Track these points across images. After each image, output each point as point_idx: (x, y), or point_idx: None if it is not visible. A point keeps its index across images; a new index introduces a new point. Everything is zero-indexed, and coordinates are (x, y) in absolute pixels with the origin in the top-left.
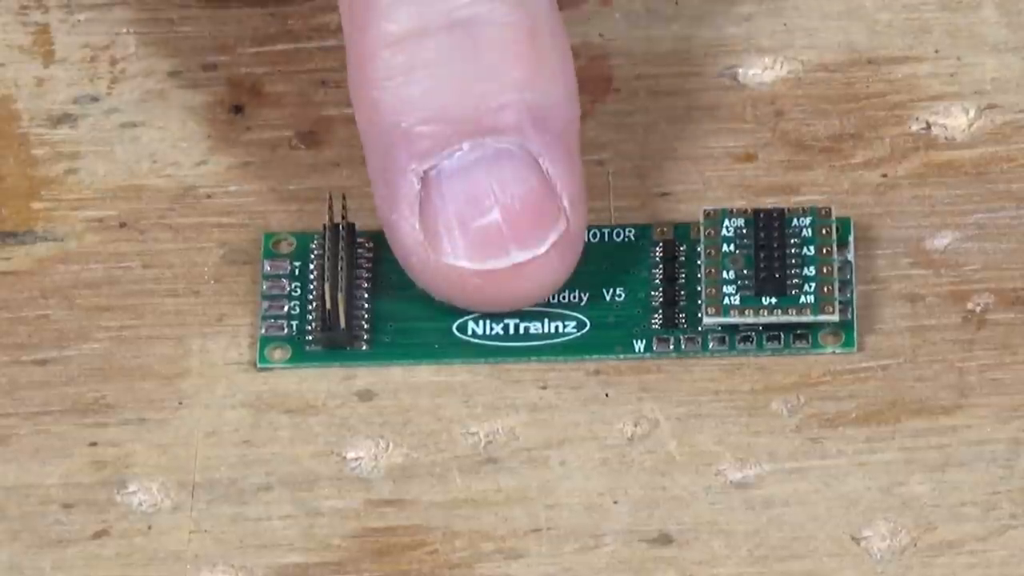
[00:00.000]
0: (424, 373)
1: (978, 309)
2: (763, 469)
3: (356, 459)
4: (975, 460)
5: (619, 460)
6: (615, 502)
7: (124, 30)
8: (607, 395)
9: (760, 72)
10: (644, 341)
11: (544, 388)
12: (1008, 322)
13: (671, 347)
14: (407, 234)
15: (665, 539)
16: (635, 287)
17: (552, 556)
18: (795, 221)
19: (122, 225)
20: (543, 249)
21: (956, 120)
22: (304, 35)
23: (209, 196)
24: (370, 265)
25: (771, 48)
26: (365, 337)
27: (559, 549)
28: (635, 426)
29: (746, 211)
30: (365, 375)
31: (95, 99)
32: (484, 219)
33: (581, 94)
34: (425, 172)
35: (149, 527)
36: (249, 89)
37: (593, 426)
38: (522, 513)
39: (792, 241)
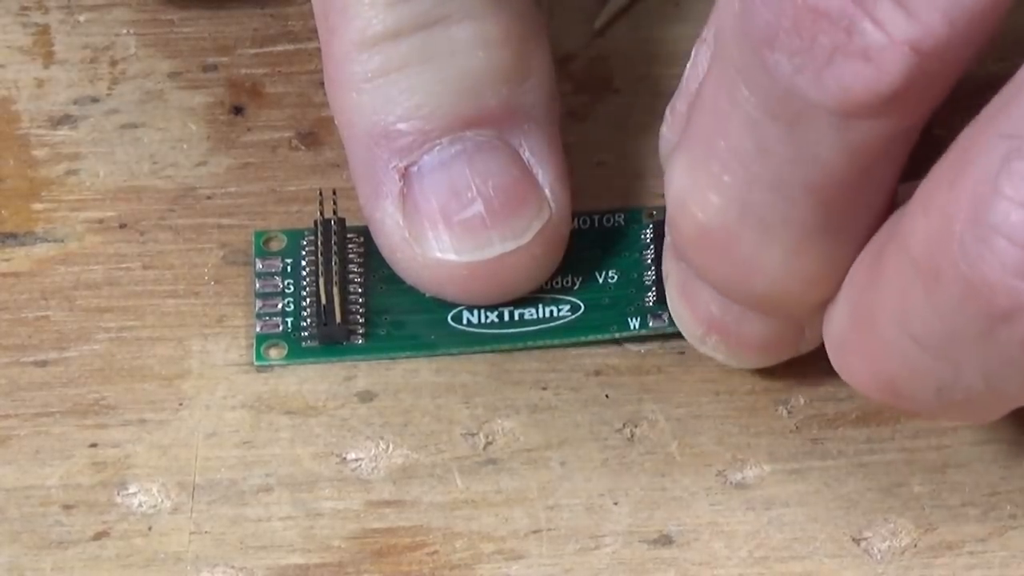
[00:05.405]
0: (424, 373)
1: None
2: (763, 470)
3: (356, 460)
4: (975, 460)
5: (619, 461)
6: (615, 503)
7: (124, 31)
8: (607, 396)
9: None
10: (639, 319)
11: (544, 389)
12: None
13: (666, 322)
14: (392, 231)
15: (665, 540)
16: (627, 268)
17: (552, 557)
18: None
19: (122, 226)
20: (528, 238)
21: None
22: (304, 36)
23: (209, 197)
24: (361, 260)
25: None
26: (360, 331)
27: (559, 550)
28: (635, 426)
29: None
30: (365, 376)
31: (95, 100)
32: (467, 212)
33: (581, 94)
34: (406, 168)
35: (149, 528)
36: (249, 90)
37: (593, 426)
38: (522, 514)
39: None
